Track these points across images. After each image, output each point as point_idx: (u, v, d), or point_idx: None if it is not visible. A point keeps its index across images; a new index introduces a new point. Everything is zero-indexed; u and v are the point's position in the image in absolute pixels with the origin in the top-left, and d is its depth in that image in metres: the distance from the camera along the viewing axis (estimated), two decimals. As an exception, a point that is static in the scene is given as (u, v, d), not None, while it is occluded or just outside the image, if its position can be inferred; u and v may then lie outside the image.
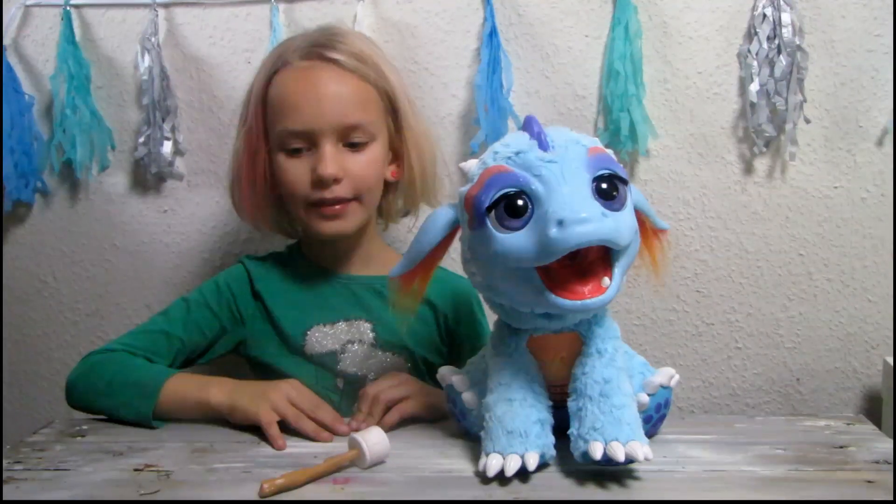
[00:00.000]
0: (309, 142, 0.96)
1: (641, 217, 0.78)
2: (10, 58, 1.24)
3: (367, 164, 0.98)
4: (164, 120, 1.23)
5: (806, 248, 1.21)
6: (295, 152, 0.97)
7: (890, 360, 1.14)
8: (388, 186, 1.04)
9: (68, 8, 1.21)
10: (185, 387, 0.90)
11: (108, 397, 0.92)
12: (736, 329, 1.24)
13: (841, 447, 0.81)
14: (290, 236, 1.11)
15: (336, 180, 0.95)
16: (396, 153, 1.03)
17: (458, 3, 1.19)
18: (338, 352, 1.01)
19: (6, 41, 1.23)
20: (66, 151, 1.22)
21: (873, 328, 1.22)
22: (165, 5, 1.22)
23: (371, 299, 1.03)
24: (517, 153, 0.71)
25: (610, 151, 0.74)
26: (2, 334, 1.33)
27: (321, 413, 0.86)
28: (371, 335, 1.02)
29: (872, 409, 1.23)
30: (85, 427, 0.91)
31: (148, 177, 1.26)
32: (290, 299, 1.04)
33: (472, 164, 0.75)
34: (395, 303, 0.81)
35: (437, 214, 0.78)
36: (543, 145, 0.70)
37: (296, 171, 0.97)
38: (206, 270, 1.29)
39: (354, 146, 0.97)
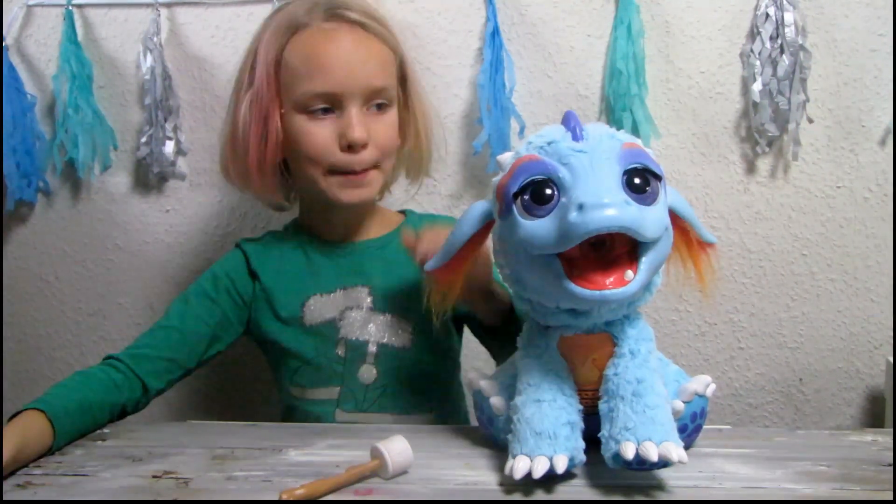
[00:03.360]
0: (334, 104, 0.94)
1: (686, 227, 0.76)
2: (13, 57, 1.24)
3: (388, 128, 0.97)
4: (166, 120, 1.23)
5: (809, 247, 1.21)
6: (319, 115, 0.94)
7: (893, 359, 1.14)
8: None
9: (70, 8, 1.21)
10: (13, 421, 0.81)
11: None
12: (738, 329, 1.24)
13: (889, 465, 0.76)
14: (280, 207, 1.08)
15: (364, 145, 0.94)
16: (401, 121, 1.01)
17: (460, 2, 1.19)
18: (336, 319, 0.99)
19: (8, 41, 1.23)
20: (68, 151, 1.22)
21: (876, 328, 1.22)
22: (167, 5, 1.22)
23: (367, 263, 1.02)
24: (549, 143, 0.70)
25: (649, 151, 0.72)
26: (3, 334, 1.33)
27: None
28: (369, 300, 1.00)
29: (875, 409, 1.23)
30: (106, 431, 0.90)
31: (150, 177, 1.26)
32: (287, 273, 1.02)
33: (507, 156, 0.75)
34: (431, 298, 0.80)
35: (472, 208, 0.77)
36: (576, 136, 0.70)
37: (320, 134, 0.94)
38: (208, 270, 1.29)
39: (378, 109, 0.96)
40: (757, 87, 1.15)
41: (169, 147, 1.23)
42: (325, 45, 0.94)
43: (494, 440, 0.82)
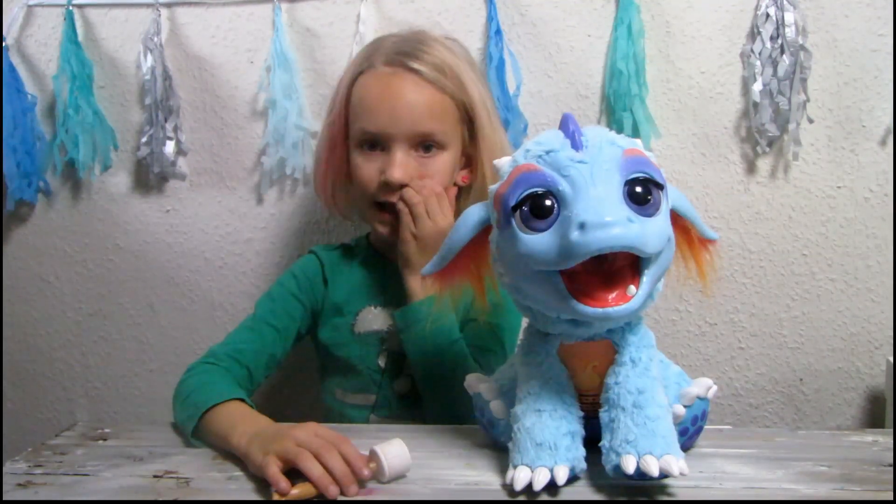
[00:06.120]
0: (382, 144, 0.99)
1: (687, 225, 0.75)
2: (13, 57, 1.24)
3: (436, 171, 1.00)
4: (166, 120, 1.23)
5: (809, 247, 1.21)
6: (370, 151, 1.00)
7: (893, 359, 1.14)
8: (459, 191, 1.06)
9: (71, 8, 1.21)
10: (219, 419, 0.85)
11: (179, 412, 0.91)
12: (739, 329, 1.24)
13: (890, 465, 0.76)
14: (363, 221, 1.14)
15: (402, 185, 0.98)
16: (469, 159, 1.05)
17: (460, 2, 1.19)
18: (383, 331, 1.03)
19: (9, 41, 1.24)
20: (68, 151, 1.23)
21: (876, 328, 1.22)
22: (168, 5, 1.22)
23: None
24: (548, 152, 0.68)
25: (650, 154, 0.71)
26: (3, 334, 1.33)
27: (344, 447, 0.75)
28: None
29: (875, 409, 1.23)
30: (107, 430, 0.90)
31: (150, 177, 1.26)
32: (350, 282, 1.07)
33: (504, 162, 0.73)
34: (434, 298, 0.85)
35: (468, 213, 0.77)
36: (576, 145, 0.68)
37: (367, 169, 1.00)
38: (208, 270, 1.29)
39: (427, 151, 0.99)
40: (757, 87, 1.15)
41: (169, 147, 1.24)
42: (377, 87, 0.99)
43: (495, 442, 0.81)
